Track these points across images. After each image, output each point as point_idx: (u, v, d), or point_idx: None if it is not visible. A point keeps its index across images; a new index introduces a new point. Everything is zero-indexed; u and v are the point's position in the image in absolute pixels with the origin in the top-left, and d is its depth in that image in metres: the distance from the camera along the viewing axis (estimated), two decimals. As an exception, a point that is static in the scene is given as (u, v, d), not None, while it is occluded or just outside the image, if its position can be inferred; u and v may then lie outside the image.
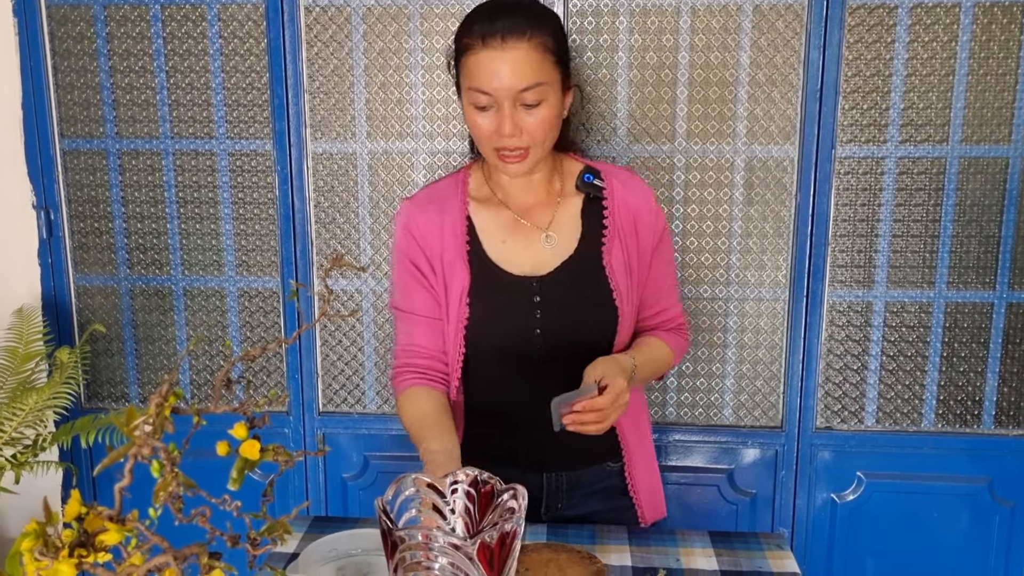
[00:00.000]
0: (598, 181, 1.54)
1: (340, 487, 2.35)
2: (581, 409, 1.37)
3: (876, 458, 2.23)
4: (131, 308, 2.35)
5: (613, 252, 1.53)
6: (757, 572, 1.41)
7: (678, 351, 1.65)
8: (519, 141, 1.40)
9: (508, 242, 1.53)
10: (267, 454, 1.00)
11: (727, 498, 2.26)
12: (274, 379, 2.33)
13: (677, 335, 1.65)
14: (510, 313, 1.52)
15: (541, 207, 1.54)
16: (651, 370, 1.57)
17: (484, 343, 1.52)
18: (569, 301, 1.51)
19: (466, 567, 0.92)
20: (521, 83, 1.36)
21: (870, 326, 2.19)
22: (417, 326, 1.56)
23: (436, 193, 1.58)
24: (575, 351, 1.50)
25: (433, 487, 1.03)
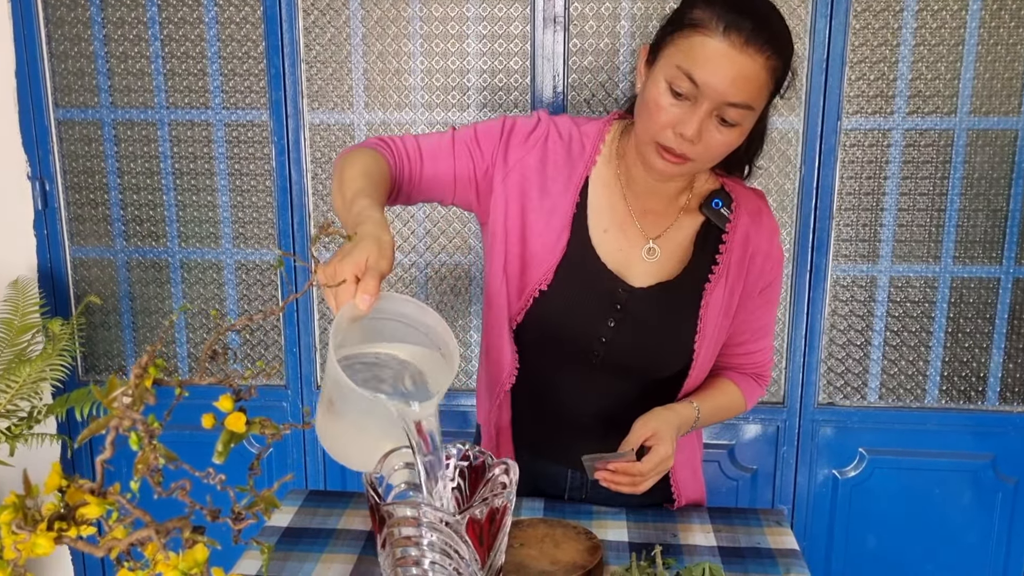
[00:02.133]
0: (725, 211, 1.37)
1: (338, 461, 2.34)
2: (615, 470, 1.31)
3: (878, 434, 2.21)
4: (128, 280, 2.33)
5: (715, 293, 1.37)
6: (755, 548, 1.40)
7: (751, 401, 1.50)
8: (690, 149, 1.21)
9: (610, 233, 1.36)
10: (253, 427, 0.98)
11: (727, 474, 2.25)
12: (272, 352, 2.32)
13: (756, 383, 1.50)
14: (585, 307, 1.36)
15: (656, 215, 1.37)
16: (715, 420, 1.46)
17: (543, 326, 1.37)
18: (649, 327, 1.37)
19: (455, 543, 0.90)
20: (736, 95, 1.17)
21: (874, 301, 2.16)
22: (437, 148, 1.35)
23: (577, 132, 1.38)
24: (632, 373, 1.42)
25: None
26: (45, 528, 0.84)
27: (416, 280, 2.24)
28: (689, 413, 1.40)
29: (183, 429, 1.62)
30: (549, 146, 1.36)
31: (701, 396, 1.44)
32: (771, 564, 1.35)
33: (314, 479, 2.34)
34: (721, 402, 1.46)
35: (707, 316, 1.38)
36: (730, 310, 1.41)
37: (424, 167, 1.34)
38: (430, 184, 1.35)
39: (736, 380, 1.50)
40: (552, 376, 1.45)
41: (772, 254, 1.42)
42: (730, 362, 1.50)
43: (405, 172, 1.33)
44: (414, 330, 1.01)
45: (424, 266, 2.24)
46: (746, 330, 1.46)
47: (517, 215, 1.36)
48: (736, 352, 1.49)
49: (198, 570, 0.87)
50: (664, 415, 1.36)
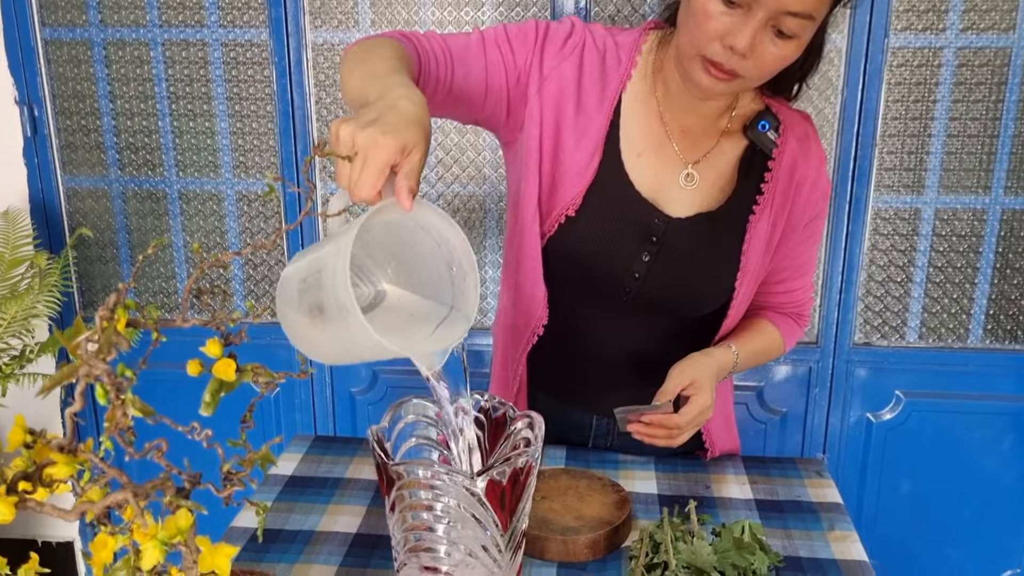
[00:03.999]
0: (772, 134, 1.23)
1: (348, 402, 2.24)
2: (650, 423, 1.21)
3: (916, 376, 2.09)
4: (124, 212, 2.20)
5: (759, 225, 1.25)
6: (795, 502, 1.29)
7: (790, 343, 1.40)
8: (739, 64, 1.08)
9: (644, 157, 1.23)
10: (245, 375, 0.87)
11: (756, 417, 2.14)
12: (276, 287, 2.20)
13: (796, 323, 1.40)
14: (617, 239, 1.24)
15: (697, 137, 1.24)
16: (753, 364, 1.37)
17: (573, 256, 1.25)
18: (686, 261, 1.25)
19: (473, 508, 0.79)
20: (797, 3, 1.03)
21: (917, 235, 2.02)
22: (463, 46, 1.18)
23: (612, 44, 1.23)
24: (666, 312, 1.30)
25: (438, 415, 0.90)
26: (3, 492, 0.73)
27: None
28: (727, 358, 1.29)
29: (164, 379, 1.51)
30: (585, 56, 1.21)
31: (739, 339, 1.33)
32: (813, 520, 1.24)
33: (323, 421, 2.25)
34: (759, 345, 1.35)
35: (750, 251, 1.26)
36: (772, 244, 1.28)
37: (455, 72, 1.17)
38: (459, 94, 1.18)
39: (775, 320, 1.38)
40: (578, 314, 1.34)
41: (819, 184, 1.29)
42: (768, 301, 1.38)
43: (432, 76, 1.14)
44: (437, 250, 0.85)
45: (435, 198, 2.10)
46: (787, 266, 1.34)
47: (552, 129, 1.22)
48: (775, 290, 1.37)
49: (181, 538, 0.76)
50: (702, 362, 1.25)
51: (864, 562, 1.15)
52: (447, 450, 0.90)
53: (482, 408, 0.91)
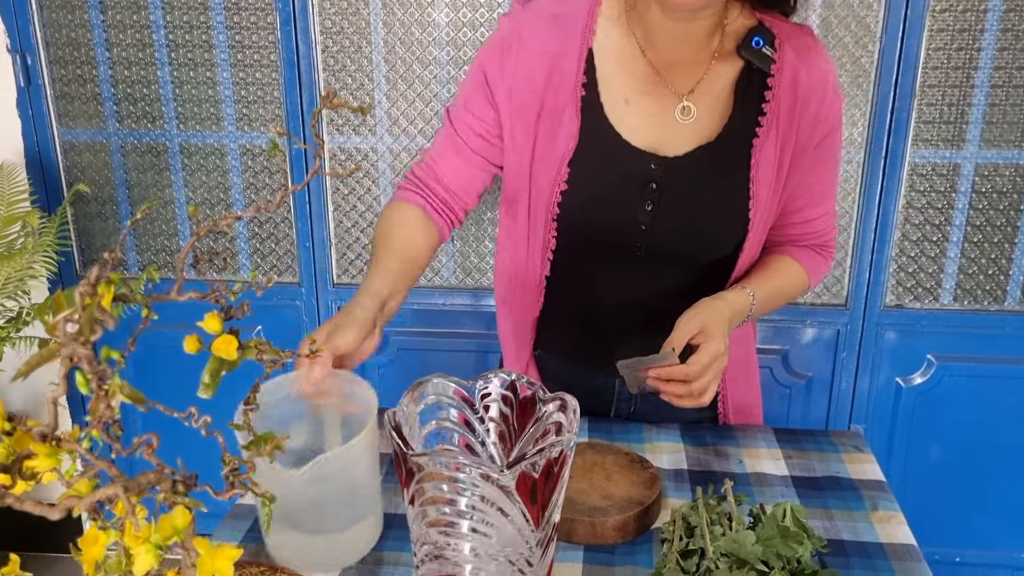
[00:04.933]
0: (767, 49, 1.15)
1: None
2: (658, 377, 1.13)
3: (950, 339, 2.01)
4: (123, 167, 2.11)
5: (766, 149, 1.16)
6: (834, 479, 1.22)
7: (815, 276, 1.30)
8: None
9: (633, 103, 1.17)
10: (248, 352, 0.79)
11: (780, 381, 2.06)
12: (283, 247, 2.12)
13: (819, 255, 1.30)
14: (615, 196, 1.18)
15: (687, 66, 1.17)
16: (775, 305, 1.28)
17: (574, 225, 1.20)
18: (693, 200, 1.19)
19: (501, 502, 0.71)
20: None
21: (955, 192, 1.92)
22: (452, 154, 1.24)
23: (562, 7, 1.19)
24: (682, 259, 1.23)
25: (461, 395, 0.82)
26: (-24, 487, 0.66)
27: (440, 167, 2.02)
28: (742, 301, 1.20)
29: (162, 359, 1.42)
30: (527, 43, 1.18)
31: (754, 279, 1.24)
32: (855, 499, 1.17)
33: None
34: (779, 283, 1.26)
35: (759, 177, 1.17)
36: (783, 168, 1.20)
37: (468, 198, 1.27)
38: (479, 190, 1.28)
39: (795, 255, 1.29)
40: (588, 276, 1.28)
41: (827, 98, 1.19)
42: (786, 234, 1.29)
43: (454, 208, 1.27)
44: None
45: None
46: (803, 193, 1.24)
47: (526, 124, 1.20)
48: (793, 221, 1.27)
49: (179, 538, 0.69)
50: (711, 306, 1.17)
51: (912, 546, 1.08)
52: (470, 433, 0.82)
53: (509, 385, 0.83)
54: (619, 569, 1.03)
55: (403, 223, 1.22)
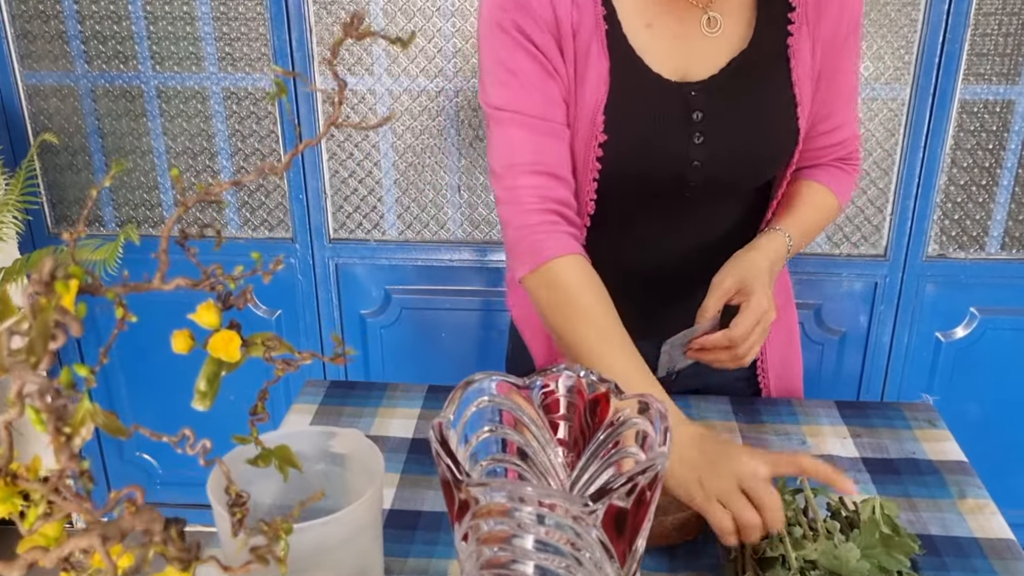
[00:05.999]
0: None
1: (358, 324, 2.02)
2: (702, 347, 1.02)
3: (994, 291, 1.87)
4: (95, 113, 1.92)
5: (801, 47, 1.05)
6: (911, 461, 1.08)
7: (844, 196, 1.18)
8: None
9: (656, 26, 1.04)
10: (253, 350, 0.64)
11: (811, 337, 1.93)
12: (273, 200, 1.94)
13: (843, 170, 1.17)
14: (659, 136, 1.04)
15: None
16: (808, 240, 1.16)
17: (618, 177, 1.07)
18: (741, 119, 1.06)
19: (587, 547, 0.57)
20: None
21: (1008, 131, 1.76)
22: (538, 136, 1.03)
23: None
24: (734, 189, 1.10)
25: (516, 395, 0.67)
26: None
27: (445, 110, 1.84)
28: (777, 244, 1.09)
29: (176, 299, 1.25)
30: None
31: (786, 217, 1.13)
32: (938, 484, 1.04)
33: (331, 349, 2.03)
34: (811, 214, 1.14)
35: (800, 79, 1.06)
36: (816, 67, 1.08)
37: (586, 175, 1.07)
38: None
39: (819, 178, 1.16)
40: (631, 236, 1.14)
41: None
42: (810, 150, 1.15)
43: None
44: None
45: (454, 93, 1.83)
46: (832, 97, 1.11)
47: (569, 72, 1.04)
48: (819, 131, 1.14)
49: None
50: (746, 259, 1.05)
51: (1011, 540, 0.95)
52: (531, 442, 0.67)
53: (576, 385, 0.67)
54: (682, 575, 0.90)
55: (590, 288, 1.01)
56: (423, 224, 1.93)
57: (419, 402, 1.20)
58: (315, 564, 0.74)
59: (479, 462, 0.67)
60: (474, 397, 0.65)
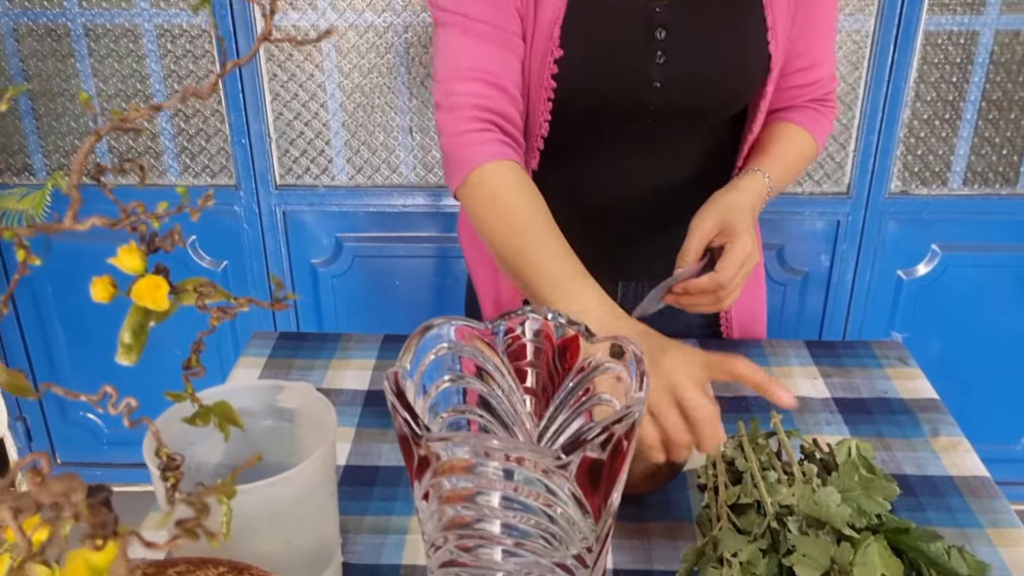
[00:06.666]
0: None
1: (309, 275, 1.94)
2: (685, 291, 0.96)
3: (957, 227, 1.86)
4: (18, 54, 1.79)
5: None
6: (883, 401, 1.06)
7: (822, 138, 1.13)
8: None
9: None
10: (184, 298, 0.58)
11: (774, 277, 1.90)
12: (215, 145, 1.84)
13: (820, 112, 1.12)
14: (618, 53, 0.99)
15: None
16: (787, 182, 1.11)
17: (574, 96, 1.01)
18: (708, 41, 1.01)
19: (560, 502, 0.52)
20: None
21: (971, 63, 1.73)
22: (484, 43, 0.96)
23: None
24: (700, 116, 1.05)
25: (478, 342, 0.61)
26: None
27: (394, 47, 1.75)
28: (757, 185, 1.04)
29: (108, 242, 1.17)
30: None
31: (763, 158, 1.08)
32: (911, 423, 1.01)
33: (284, 318, 1.95)
34: (790, 156, 1.09)
35: (773, 2, 1.00)
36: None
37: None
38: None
39: (796, 119, 1.11)
40: (591, 163, 1.09)
41: None
42: (786, 89, 1.11)
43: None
44: None
45: (403, 28, 1.74)
46: (809, 32, 1.06)
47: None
48: (796, 68, 1.08)
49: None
50: (729, 199, 1.00)
51: (986, 478, 0.93)
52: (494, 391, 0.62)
53: (542, 328, 0.62)
54: (654, 525, 0.86)
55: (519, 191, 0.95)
56: (374, 168, 1.85)
57: (374, 353, 1.14)
58: (265, 527, 0.69)
59: (439, 414, 0.61)
60: (432, 344, 0.59)
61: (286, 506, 0.68)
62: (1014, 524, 0.86)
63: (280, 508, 0.68)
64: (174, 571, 0.65)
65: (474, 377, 0.62)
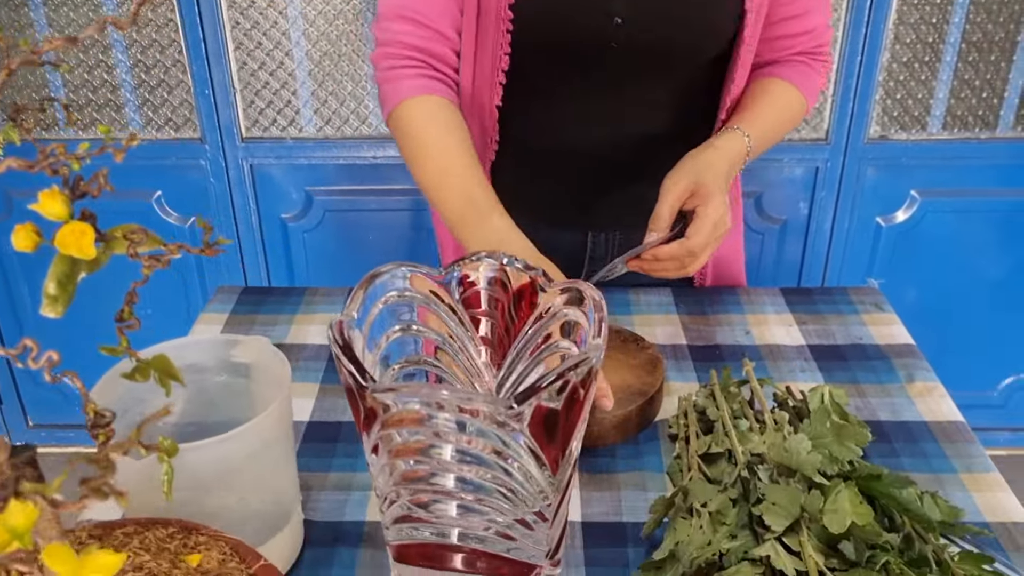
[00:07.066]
0: None
1: (279, 230, 1.90)
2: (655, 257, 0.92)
3: (936, 172, 1.83)
4: (-32, 4, 1.73)
5: None
6: (858, 347, 1.04)
7: (812, 95, 1.08)
8: None
9: None
10: (114, 245, 0.55)
11: (752, 226, 1.88)
12: (177, 96, 1.79)
13: (810, 66, 1.07)
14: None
15: None
16: (771, 142, 1.06)
17: (528, 37, 0.97)
18: None
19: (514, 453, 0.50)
20: None
21: (952, 3, 1.69)
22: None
23: None
24: (666, 61, 1.00)
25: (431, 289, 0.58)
26: None
27: (360, -8, 1.69)
28: (735, 145, 0.99)
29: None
30: None
31: (745, 116, 1.03)
32: (885, 369, 1.00)
33: (251, 253, 1.91)
34: (773, 116, 1.04)
35: None
36: None
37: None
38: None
39: (784, 74, 1.06)
40: (555, 103, 1.05)
41: None
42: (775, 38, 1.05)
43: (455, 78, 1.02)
44: None
45: (369, -28, 1.68)
46: None
47: None
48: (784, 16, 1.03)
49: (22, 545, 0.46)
50: (700, 158, 0.96)
51: (960, 423, 0.91)
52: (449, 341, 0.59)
53: (498, 274, 0.59)
54: (624, 476, 0.84)
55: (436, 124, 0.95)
56: (342, 119, 1.80)
57: (339, 307, 1.11)
58: (218, 485, 0.66)
59: (391, 366, 0.58)
60: (381, 292, 0.56)
61: (239, 463, 0.66)
62: (988, 468, 0.85)
63: (232, 465, 0.65)
64: (121, 532, 0.63)
65: (428, 327, 0.59)
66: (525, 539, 0.53)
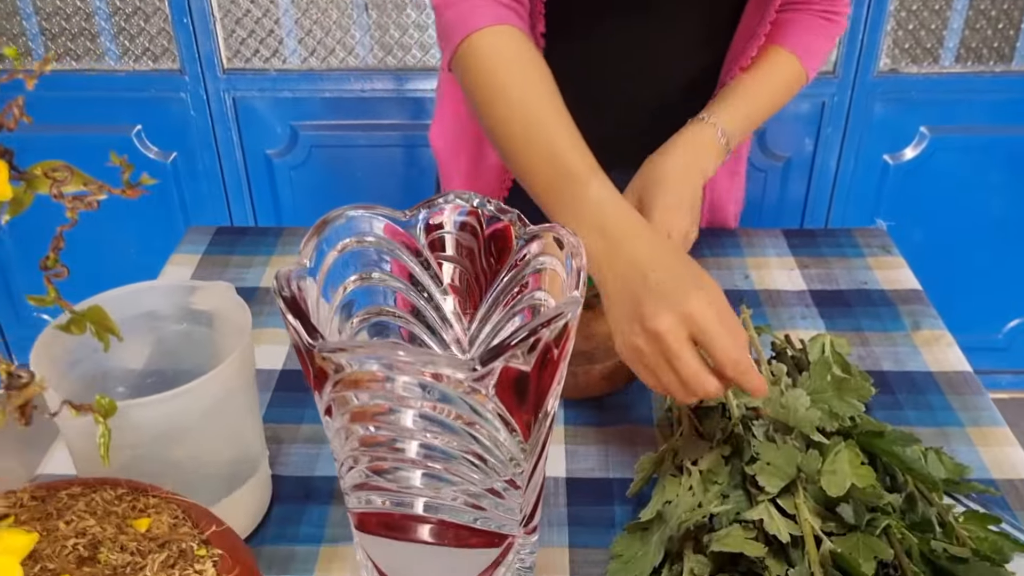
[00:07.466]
0: None
1: (264, 166, 1.83)
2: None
3: (947, 108, 1.76)
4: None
5: None
6: (863, 293, 0.99)
7: (814, 63, 0.99)
8: None
9: None
10: (36, 184, 0.51)
11: (755, 164, 1.81)
12: (154, 25, 1.70)
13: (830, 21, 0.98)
14: None
15: None
16: (757, 123, 0.99)
17: None
18: None
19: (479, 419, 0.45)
20: None
21: (971, -73, 1.60)
22: None
23: None
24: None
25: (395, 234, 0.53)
26: None
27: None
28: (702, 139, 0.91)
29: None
30: None
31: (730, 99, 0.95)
32: (891, 316, 0.95)
33: (236, 191, 1.84)
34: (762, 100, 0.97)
35: None
36: None
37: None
38: None
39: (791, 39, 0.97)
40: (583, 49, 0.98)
41: None
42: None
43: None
44: None
45: None
46: None
47: None
48: None
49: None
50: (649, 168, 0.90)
51: (968, 373, 0.87)
52: (415, 291, 0.54)
53: (469, 218, 0.54)
54: (612, 430, 0.80)
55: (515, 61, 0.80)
56: (328, 50, 1.72)
57: (318, 248, 1.06)
58: (175, 441, 0.62)
59: (351, 318, 0.53)
60: (336, 238, 0.51)
61: (194, 420, 0.61)
62: (996, 422, 0.80)
63: (187, 422, 0.61)
64: (66, 494, 0.59)
65: (393, 276, 0.54)
66: (496, 508, 0.49)
